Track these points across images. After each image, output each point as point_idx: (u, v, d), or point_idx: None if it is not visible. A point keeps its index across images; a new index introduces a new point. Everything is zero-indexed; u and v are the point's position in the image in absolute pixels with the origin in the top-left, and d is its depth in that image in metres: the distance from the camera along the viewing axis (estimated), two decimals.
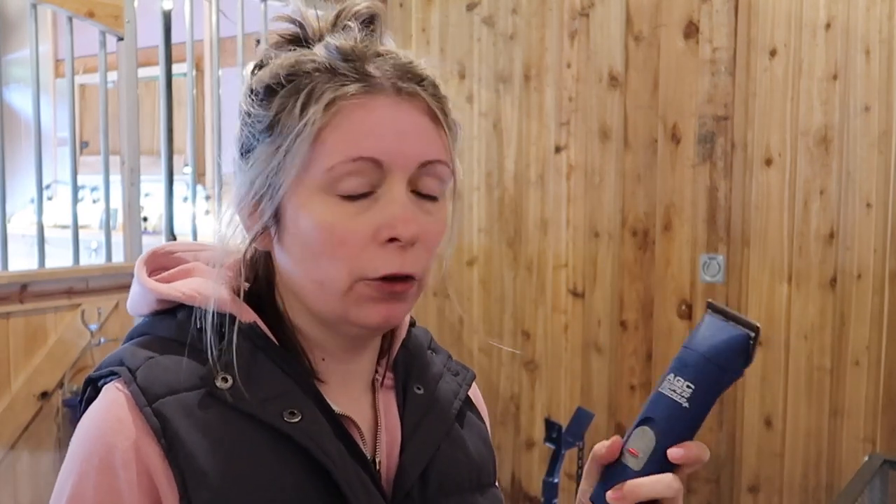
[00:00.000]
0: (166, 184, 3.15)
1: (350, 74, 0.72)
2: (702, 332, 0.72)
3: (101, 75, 3.08)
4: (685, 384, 0.70)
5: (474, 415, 0.89)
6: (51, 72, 5.48)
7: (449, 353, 0.92)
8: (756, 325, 0.71)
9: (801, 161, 2.78)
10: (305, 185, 0.72)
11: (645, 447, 0.71)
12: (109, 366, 0.75)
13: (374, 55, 0.73)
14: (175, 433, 0.69)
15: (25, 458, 2.68)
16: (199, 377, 0.73)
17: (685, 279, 2.99)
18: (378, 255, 0.72)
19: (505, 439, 3.41)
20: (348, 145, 0.71)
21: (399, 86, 0.72)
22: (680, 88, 2.97)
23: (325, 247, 0.72)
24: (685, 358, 0.71)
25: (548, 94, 3.25)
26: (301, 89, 0.72)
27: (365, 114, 0.71)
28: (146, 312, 0.80)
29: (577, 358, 3.23)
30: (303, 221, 0.73)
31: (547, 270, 3.28)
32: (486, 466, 0.86)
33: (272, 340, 0.76)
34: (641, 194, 3.06)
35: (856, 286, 2.71)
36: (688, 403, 0.70)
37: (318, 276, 0.73)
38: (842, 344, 2.74)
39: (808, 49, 2.75)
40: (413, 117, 0.73)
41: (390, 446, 0.79)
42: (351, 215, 0.72)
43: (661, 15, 3.00)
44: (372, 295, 0.73)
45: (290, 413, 0.72)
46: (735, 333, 0.71)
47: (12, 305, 2.65)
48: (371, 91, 0.72)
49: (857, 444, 2.72)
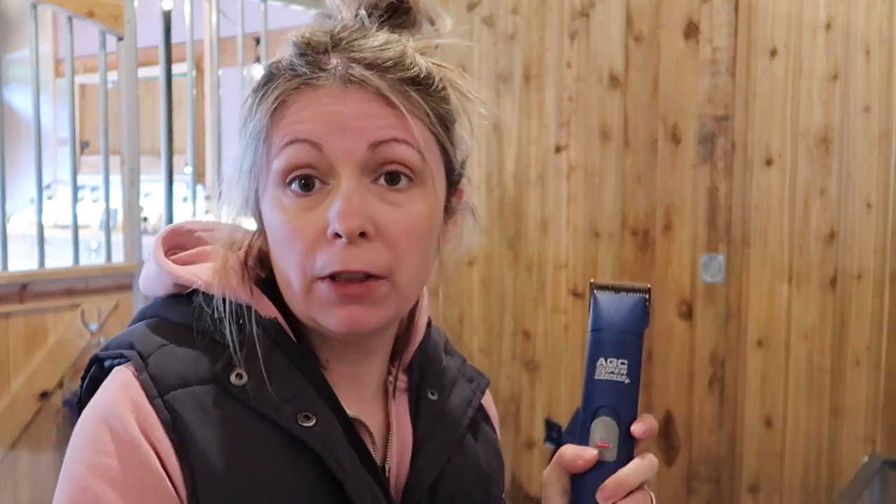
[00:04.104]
0: (166, 184, 3.15)
1: (302, 69, 0.71)
2: (605, 310, 0.73)
3: (101, 75, 3.08)
4: (619, 362, 0.71)
5: (487, 425, 0.87)
6: (51, 72, 5.49)
7: (464, 356, 0.89)
8: (647, 287, 0.73)
9: (802, 161, 2.78)
10: (269, 183, 0.71)
11: (611, 436, 0.70)
12: (120, 347, 0.72)
13: (337, 44, 0.71)
14: (186, 428, 0.67)
15: (25, 458, 2.68)
16: (214, 371, 0.70)
17: (685, 279, 2.99)
18: (326, 250, 0.68)
19: (505, 439, 3.41)
20: (287, 130, 0.70)
21: (347, 74, 0.70)
22: (680, 88, 2.97)
23: (281, 244, 0.70)
24: (603, 338, 0.72)
25: (548, 94, 3.24)
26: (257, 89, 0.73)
27: (305, 103, 0.70)
28: (161, 294, 0.77)
29: (577, 358, 3.22)
30: (268, 219, 0.72)
31: (547, 270, 3.28)
32: (495, 480, 0.84)
33: (291, 338, 0.74)
34: (642, 194, 3.06)
35: (856, 286, 2.71)
36: (628, 379, 0.71)
37: (285, 275, 0.71)
38: (842, 344, 2.74)
39: (809, 49, 2.75)
40: (358, 101, 0.69)
41: (401, 453, 0.77)
42: (302, 210, 0.69)
43: (661, 15, 2.99)
44: (328, 297, 0.69)
45: (304, 416, 0.70)
46: (636, 299, 0.73)
47: (12, 305, 2.65)
48: (315, 82, 0.70)
49: (857, 444, 2.72)
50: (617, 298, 0.73)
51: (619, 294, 0.73)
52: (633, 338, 0.72)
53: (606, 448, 0.70)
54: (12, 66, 4.99)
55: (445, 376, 0.83)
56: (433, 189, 0.73)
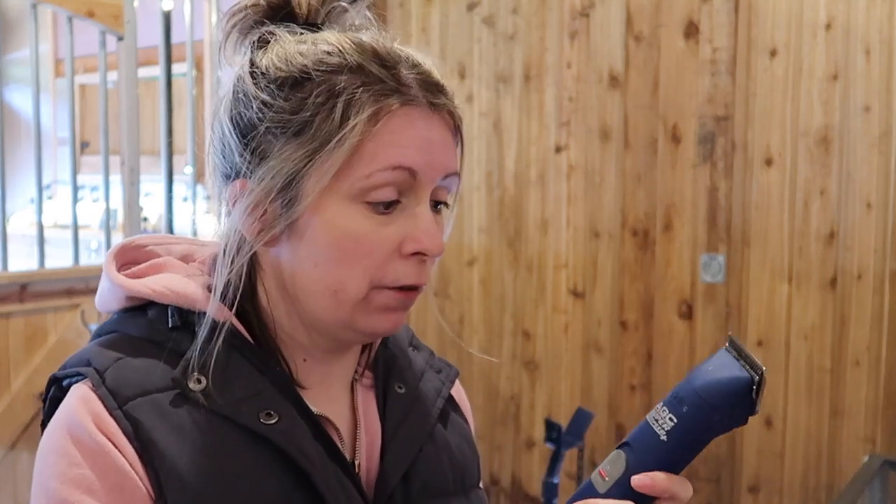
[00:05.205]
0: (166, 184, 3.15)
1: (387, 82, 0.71)
2: (706, 366, 0.66)
3: (101, 75, 3.08)
4: (669, 416, 0.66)
5: (457, 414, 0.88)
6: (51, 72, 5.49)
7: (432, 349, 0.90)
8: (761, 370, 0.63)
9: (801, 161, 2.78)
10: (333, 192, 0.70)
11: (614, 471, 0.67)
12: (76, 366, 0.72)
13: (398, 58, 0.73)
14: (149, 435, 0.67)
15: (25, 458, 2.68)
16: (172, 378, 0.70)
17: (685, 279, 2.99)
18: (400, 266, 0.72)
19: (505, 439, 3.41)
20: (389, 154, 0.70)
21: (432, 100, 0.73)
22: (680, 88, 2.97)
23: (348, 255, 0.71)
24: (680, 388, 0.67)
25: (548, 94, 3.24)
26: (337, 93, 0.69)
27: (405, 125, 0.71)
28: (115, 309, 0.77)
29: (577, 358, 3.22)
30: (325, 228, 0.71)
31: (547, 270, 3.28)
32: (469, 467, 0.85)
33: (248, 340, 0.74)
34: (642, 194, 3.06)
35: (856, 286, 2.71)
36: (666, 437, 0.66)
37: (334, 283, 0.72)
38: (842, 344, 2.74)
39: (809, 49, 2.75)
40: (441, 130, 0.73)
41: (370, 448, 0.78)
42: (378, 225, 0.71)
43: (661, 15, 2.99)
44: (387, 304, 0.73)
45: (266, 414, 0.70)
46: (737, 374, 0.64)
47: (12, 305, 2.65)
48: (410, 103, 0.71)
49: (857, 444, 2.72)
50: (726, 363, 0.65)
51: (735, 361, 0.65)
52: (702, 406, 0.64)
53: (604, 479, 0.68)
54: (12, 66, 4.99)
55: (412, 369, 0.84)
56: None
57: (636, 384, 3.10)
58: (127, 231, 3.01)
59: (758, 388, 0.63)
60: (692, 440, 0.65)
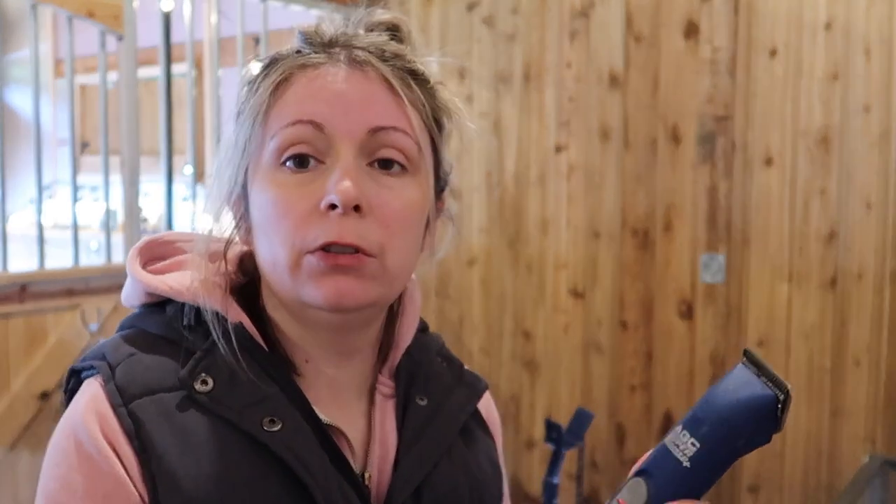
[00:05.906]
0: (166, 184, 3.15)
1: (307, 51, 0.72)
2: (725, 384, 0.61)
3: (101, 75, 3.08)
4: (690, 441, 0.61)
5: (482, 430, 0.85)
6: (51, 72, 5.48)
7: (461, 361, 0.87)
8: (787, 387, 0.59)
9: (801, 161, 2.78)
10: (261, 166, 0.71)
11: (635, 501, 0.63)
12: (92, 358, 0.73)
13: (342, 38, 0.73)
14: (149, 436, 0.67)
15: (25, 458, 2.68)
16: (179, 378, 0.70)
17: (685, 279, 2.99)
18: (318, 224, 0.68)
19: (505, 439, 3.40)
20: (290, 111, 0.70)
21: (353, 56, 0.71)
22: (680, 88, 2.97)
23: (272, 221, 0.70)
24: (699, 410, 0.61)
25: (548, 94, 3.25)
26: (268, 73, 0.73)
27: (308, 81, 0.71)
28: (137, 304, 0.77)
29: (577, 358, 3.22)
30: (257, 202, 0.71)
31: (547, 270, 3.28)
32: (490, 488, 0.82)
33: (259, 343, 0.73)
34: (642, 194, 3.06)
35: (856, 286, 2.71)
36: (689, 463, 0.61)
37: (271, 254, 0.70)
38: (842, 344, 2.74)
39: (808, 49, 2.75)
40: (362, 84, 0.70)
41: (383, 460, 0.75)
42: (295, 186, 0.69)
43: (661, 15, 2.99)
44: (317, 268, 0.68)
45: (270, 421, 0.69)
46: (760, 393, 0.60)
47: (12, 306, 2.65)
48: (321, 63, 0.71)
49: (857, 444, 2.72)
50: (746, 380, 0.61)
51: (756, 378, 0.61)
52: (726, 429, 0.60)
53: None
54: (12, 66, 4.99)
55: (438, 381, 0.81)
56: (425, 181, 0.73)
57: (636, 384, 3.10)
58: (127, 231, 3.01)
59: (783, 406, 0.60)
60: (716, 465, 0.62)
